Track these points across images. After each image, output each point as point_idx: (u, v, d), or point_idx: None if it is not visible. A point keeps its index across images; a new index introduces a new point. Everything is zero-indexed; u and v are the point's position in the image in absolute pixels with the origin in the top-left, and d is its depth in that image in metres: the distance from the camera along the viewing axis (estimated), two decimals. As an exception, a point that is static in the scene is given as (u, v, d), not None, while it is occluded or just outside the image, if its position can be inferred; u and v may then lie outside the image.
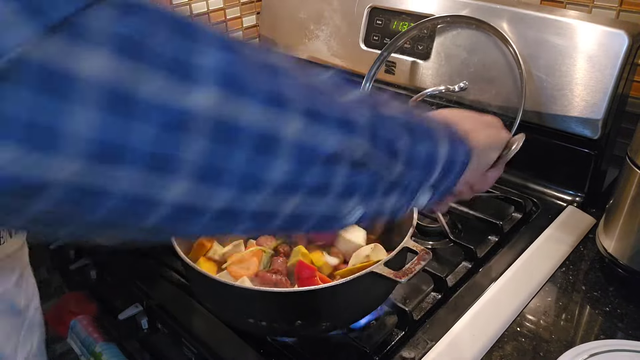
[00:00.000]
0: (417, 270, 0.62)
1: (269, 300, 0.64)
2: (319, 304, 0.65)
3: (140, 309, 0.81)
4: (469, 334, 0.71)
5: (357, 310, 0.70)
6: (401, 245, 0.66)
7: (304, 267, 0.69)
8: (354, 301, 0.67)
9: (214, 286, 0.66)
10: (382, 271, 0.62)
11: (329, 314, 0.67)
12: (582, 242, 0.88)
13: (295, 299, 0.64)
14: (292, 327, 0.65)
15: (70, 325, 0.93)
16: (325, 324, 0.67)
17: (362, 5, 1.19)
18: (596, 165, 0.96)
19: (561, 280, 0.81)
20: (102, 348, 0.87)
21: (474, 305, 0.75)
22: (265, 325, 0.66)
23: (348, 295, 0.65)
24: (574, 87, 0.92)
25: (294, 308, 0.65)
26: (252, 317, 0.66)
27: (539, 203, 0.98)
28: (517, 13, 0.97)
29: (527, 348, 0.69)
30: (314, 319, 0.66)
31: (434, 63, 1.07)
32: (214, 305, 0.73)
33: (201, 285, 0.71)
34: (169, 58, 0.26)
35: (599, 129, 0.91)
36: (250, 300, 0.64)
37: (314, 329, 0.69)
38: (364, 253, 0.73)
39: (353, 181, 0.37)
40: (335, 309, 0.66)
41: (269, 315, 0.65)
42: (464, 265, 0.83)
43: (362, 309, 0.70)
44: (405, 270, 0.62)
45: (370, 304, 0.70)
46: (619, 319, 0.74)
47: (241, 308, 0.66)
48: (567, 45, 0.91)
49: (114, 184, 0.26)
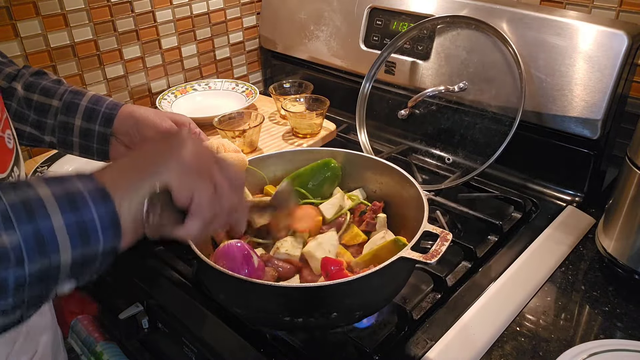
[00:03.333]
0: (443, 251, 0.63)
1: (306, 296, 0.64)
2: (353, 294, 0.65)
3: (140, 309, 0.81)
4: (468, 333, 0.71)
5: (385, 296, 0.70)
6: (421, 229, 0.67)
7: (330, 262, 0.70)
8: (383, 287, 0.68)
9: (249, 288, 0.64)
10: (412, 255, 0.63)
11: (361, 302, 0.67)
12: (582, 242, 0.89)
13: (330, 291, 0.64)
14: (329, 319, 0.66)
15: (71, 325, 0.93)
16: (359, 312, 0.68)
17: (362, 6, 1.19)
18: (596, 165, 0.96)
19: (561, 280, 0.81)
20: (103, 347, 0.87)
21: (474, 305, 0.75)
22: (302, 321, 0.66)
23: (380, 282, 0.66)
24: (574, 88, 0.92)
25: (331, 301, 0.65)
26: (289, 315, 0.66)
27: (539, 203, 0.98)
28: (517, 13, 0.97)
29: (527, 347, 0.69)
30: (348, 309, 0.67)
31: (433, 63, 1.07)
32: (245, 309, 0.71)
33: (230, 288, 0.69)
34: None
35: (598, 129, 0.91)
36: (288, 298, 0.65)
37: (348, 319, 0.69)
38: (379, 236, 0.76)
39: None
40: (368, 298, 0.67)
41: (306, 310, 0.66)
42: (463, 265, 0.83)
43: (389, 294, 0.71)
44: (433, 252, 0.63)
45: (395, 289, 0.71)
46: (619, 318, 0.74)
47: (277, 307, 0.66)
48: (566, 46, 0.92)
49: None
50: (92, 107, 0.75)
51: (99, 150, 0.77)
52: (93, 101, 0.76)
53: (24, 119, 0.76)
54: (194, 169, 0.48)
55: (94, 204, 0.41)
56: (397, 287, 0.71)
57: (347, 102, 1.17)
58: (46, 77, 0.79)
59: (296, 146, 1.12)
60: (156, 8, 1.24)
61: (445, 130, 1.07)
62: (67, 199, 0.40)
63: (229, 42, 1.43)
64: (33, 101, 0.75)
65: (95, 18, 1.14)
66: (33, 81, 0.77)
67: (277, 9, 1.37)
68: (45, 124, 0.76)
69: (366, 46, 1.20)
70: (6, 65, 0.77)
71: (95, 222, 0.41)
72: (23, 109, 0.75)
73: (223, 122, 1.10)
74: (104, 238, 0.42)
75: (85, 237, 0.40)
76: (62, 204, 0.40)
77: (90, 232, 0.41)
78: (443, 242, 0.65)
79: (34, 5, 1.05)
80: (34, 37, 1.06)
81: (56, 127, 0.76)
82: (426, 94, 1.04)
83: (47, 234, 0.39)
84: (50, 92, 0.76)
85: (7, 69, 0.77)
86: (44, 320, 0.69)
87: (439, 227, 0.68)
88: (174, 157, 0.48)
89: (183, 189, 0.47)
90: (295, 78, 1.36)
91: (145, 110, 0.78)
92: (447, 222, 0.92)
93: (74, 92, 0.76)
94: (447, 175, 1.04)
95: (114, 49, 1.20)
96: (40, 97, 0.76)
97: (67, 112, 0.75)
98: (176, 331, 0.77)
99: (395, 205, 0.83)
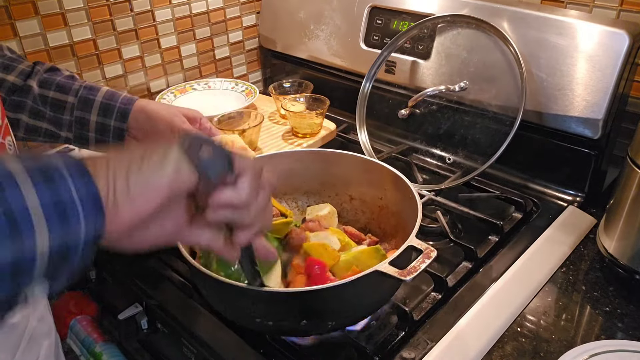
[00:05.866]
0: (422, 269, 0.61)
1: (275, 300, 0.64)
2: (323, 304, 0.65)
3: (140, 309, 0.81)
4: (469, 334, 0.71)
5: (362, 309, 0.70)
6: (406, 243, 0.66)
7: (315, 263, 0.69)
8: (358, 300, 0.67)
9: (220, 287, 0.65)
10: (387, 270, 0.61)
11: (333, 313, 0.66)
12: (583, 242, 0.88)
13: (299, 298, 0.64)
14: (298, 326, 0.65)
15: (70, 325, 0.93)
16: (331, 323, 0.67)
17: (362, 5, 1.19)
18: (596, 165, 0.96)
19: (561, 280, 0.81)
20: (102, 348, 0.87)
21: (474, 306, 0.75)
22: (272, 324, 0.66)
23: (353, 294, 0.65)
24: (575, 87, 0.91)
25: (299, 308, 0.65)
26: (258, 317, 0.66)
27: (540, 203, 0.98)
28: (518, 12, 0.97)
29: (528, 348, 0.69)
30: (319, 318, 0.66)
31: (434, 63, 1.07)
32: (220, 305, 0.72)
33: (208, 287, 0.70)
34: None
35: (599, 128, 0.91)
36: (256, 300, 0.64)
37: (319, 328, 0.69)
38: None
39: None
40: (340, 308, 0.66)
41: (275, 315, 0.65)
42: (464, 265, 0.83)
43: (368, 307, 0.70)
44: (410, 268, 0.61)
45: (375, 302, 0.70)
46: (619, 319, 0.74)
47: (247, 307, 0.66)
48: (567, 45, 0.91)
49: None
50: (107, 103, 0.77)
51: (114, 145, 0.78)
52: (108, 96, 0.77)
53: (41, 115, 0.76)
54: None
55: (72, 178, 0.36)
56: (377, 301, 0.70)
57: (347, 102, 1.17)
58: (59, 73, 0.80)
59: (296, 146, 1.12)
60: (155, 7, 1.23)
61: (446, 130, 1.07)
62: (41, 173, 0.34)
63: (228, 42, 1.43)
64: (49, 98, 0.76)
65: (94, 17, 1.13)
66: (48, 78, 0.77)
67: (277, 8, 1.37)
68: (62, 120, 0.77)
69: (366, 45, 1.19)
70: (18, 62, 0.78)
71: (75, 200, 0.35)
72: (39, 105, 0.76)
73: (223, 121, 1.10)
74: (85, 219, 0.36)
75: (64, 218, 0.35)
76: (36, 179, 0.34)
77: (69, 211, 0.35)
78: (425, 259, 0.62)
79: (33, 4, 1.04)
80: (33, 37, 1.06)
81: (73, 123, 0.77)
82: (427, 94, 1.04)
83: (19, 213, 0.33)
84: (65, 88, 0.77)
85: (20, 66, 0.77)
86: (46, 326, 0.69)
87: (440, 229, 0.67)
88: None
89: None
90: (295, 77, 1.35)
91: (157, 105, 0.79)
92: (447, 222, 0.91)
93: (89, 88, 0.78)
94: (448, 175, 1.03)
95: (113, 48, 1.19)
96: (56, 93, 0.77)
97: (83, 108, 0.77)
98: (175, 332, 0.77)
99: (394, 209, 0.83)
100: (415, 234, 0.67)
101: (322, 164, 0.89)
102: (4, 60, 0.77)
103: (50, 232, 0.34)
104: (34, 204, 0.33)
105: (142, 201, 0.40)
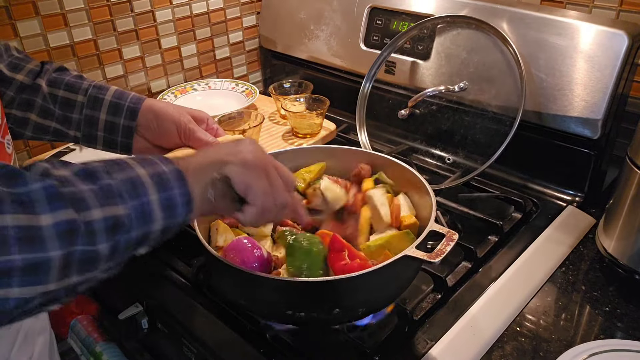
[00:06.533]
0: (448, 251, 0.63)
1: (306, 291, 0.64)
2: (355, 290, 0.65)
3: (140, 309, 0.81)
4: (469, 333, 0.71)
5: (390, 294, 0.70)
6: (427, 228, 0.67)
7: (337, 242, 0.70)
8: (388, 284, 0.68)
9: (247, 279, 0.65)
10: (416, 254, 0.63)
11: (365, 299, 0.67)
12: (582, 242, 0.89)
13: (331, 287, 0.64)
14: (331, 315, 0.66)
15: (71, 325, 0.93)
16: (361, 309, 0.68)
17: (362, 5, 1.19)
18: (596, 165, 0.96)
19: (561, 280, 0.81)
20: (103, 348, 0.87)
21: (474, 305, 0.75)
22: (304, 315, 0.66)
23: (385, 278, 0.66)
24: (574, 87, 0.92)
25: (333, 297, 0.65)
26: (290, 309, 0.66)
27: (539, 203, 0.98)
28: (517, 13, 0.97)
29: (527, 348, 0.69)
30: (352, 305, 0.66)
31: (434, 63, 1.07)
32: (245, 299, 0.71)
33: (231, 281, 0.70)
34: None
35: (598, 129, 0.91)
36: (288, 292, 0.65)
37: (350, 315, 0.69)
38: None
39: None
40: (371, 294, 0.67)
41: (309, 304, 0.66)
42: (463, 265, 0.83)
43: (394, 291, 0.71)
44: (437, 251, 0.63)
45: (399, 288, 0.71)
46: (619, 318, 0.74)
47: (277, 301, 0.66)
48: (567, 45, 0.91)
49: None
50: (116, 102, 0.77)
51: (122, 144, 0.78)
52: (117, 95, 0.78)
53: (50, 114, 0.77)
54: (253, 165, 0.57)
55: (177, 183, 0.51)
56: (403, 285, 0.71)
57: (347, 102, 1.17)
58: (68, 72, 0.81)
59: (296, 146, 1.12)
60: (156, 8, 1.23)
61: (446, 130, 1.07)
62: (158, 179, 0.50)
63: (228, 42, 1.43)
64: (58, 97, 0.77)
65: (94, 18, 1.14)
66: (57, 77, 0.78)
67: (277, 9, 1.37)
68: (71, 118, 0.78)
69: (366, 46, 1.20)
70: (27, 62, 0.79)
71: (177, 199, 0.51)
72: (48, 104, 0.77)
73: (223, 122, 1.10)
74: (183, 212, 0.51)
75: (172, 211, 0.50)
76: (157, 183, 0.49)
77: (174, 206, 0.51)
78: (449, 242, 0.64)
79: (34, 4, 1.04)
80: (34, 37, 1.06)
81: (82, 122, 0.78)
82: (426, 94, 1.04)
83: (148, 208, 0.48)
84: (74, 87, 0.78)
85: (28, 65, 0.78)
86: (40, 322, 0.70)
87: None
88: (238, 153, 0.57)
89: (242, 179, 0.56)
90: (295, 78, 1.36)
91: (164, 104, 0.79)
92: (447, 222, 0.92)
93: (98, 87, 0.79)
94: (448, 175, 1.04)
95: (114, 49, 1.19)
96: (65, 92, 0.77)
97: (92, 107, 0.77)
98: (176, 331, 0.77)
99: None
100: (434, 219, 0.69)
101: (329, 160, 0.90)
102: (12, 60, 0.77)
103: (164, 220, 0.50)
104: (155, 200, 0.50)
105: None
